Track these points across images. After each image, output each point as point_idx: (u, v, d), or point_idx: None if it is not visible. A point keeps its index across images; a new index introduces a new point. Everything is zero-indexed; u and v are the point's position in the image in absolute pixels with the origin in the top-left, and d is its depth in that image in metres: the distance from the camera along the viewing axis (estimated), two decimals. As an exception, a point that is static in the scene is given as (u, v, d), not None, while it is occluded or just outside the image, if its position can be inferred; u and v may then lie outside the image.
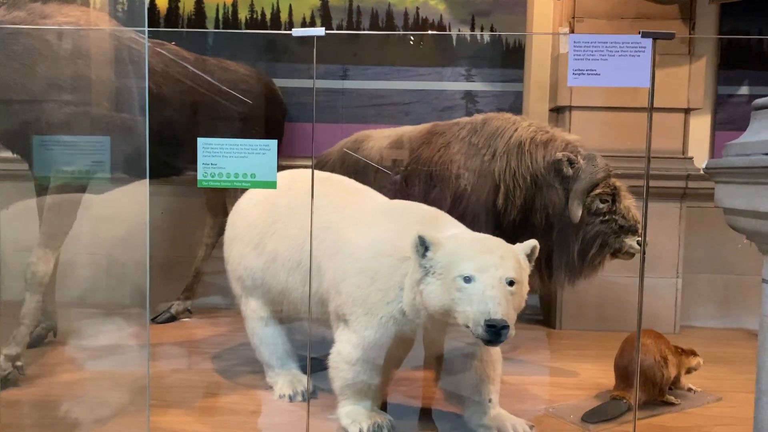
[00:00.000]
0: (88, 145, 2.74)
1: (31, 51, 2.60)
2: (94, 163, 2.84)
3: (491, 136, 3.02)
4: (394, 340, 2.15)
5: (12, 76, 2.57)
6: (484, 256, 1.87)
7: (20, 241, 2.99)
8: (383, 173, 3.24)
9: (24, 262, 2.67)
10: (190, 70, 3.21)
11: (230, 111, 3.40)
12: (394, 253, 2.11)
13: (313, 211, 2.15)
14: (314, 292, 2.39)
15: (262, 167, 1.71)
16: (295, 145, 4.03)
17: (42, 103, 2.66)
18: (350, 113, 4.04)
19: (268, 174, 1.73)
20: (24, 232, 2.91)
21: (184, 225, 4.12)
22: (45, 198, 2.76)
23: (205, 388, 2.65)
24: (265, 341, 2.63)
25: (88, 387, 2.64)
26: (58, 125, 2.65)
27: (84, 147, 2.72)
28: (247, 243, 2.61)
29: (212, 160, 1.68)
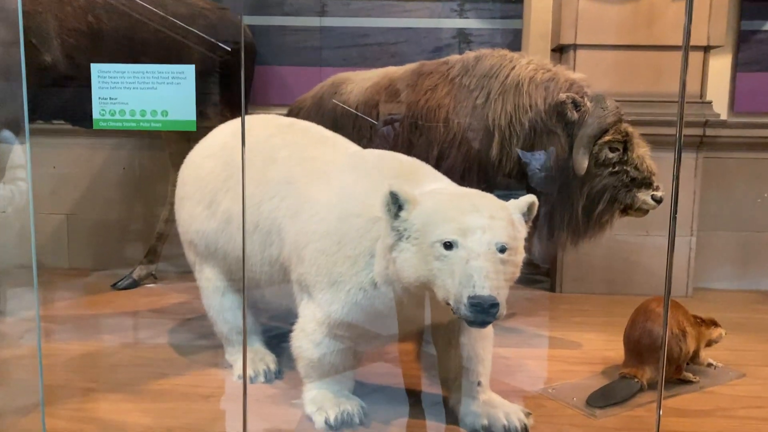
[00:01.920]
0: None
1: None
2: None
3: (484, 76, 2.62)
4: (365, 315, 1.80)
5: None
6: (468, 217, 1.50)
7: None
8: (364, 121, 2.85)
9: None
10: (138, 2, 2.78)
11: (187, 51, 2.98)
12: (363, 212, 1.74)
13: (245, 176, 1.77)
14: (275, 258, 2.03)
15: (177, 102, 1.33)
16: (269, 91, 3.63)
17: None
18: (329, 55, 3.61)
19: (185, 111, 1.34)
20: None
21: (147, 181, 3.76)
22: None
23: (155, 366, 2.31)
24: (223, 314, 2.28)
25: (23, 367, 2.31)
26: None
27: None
28: (198, 202, 2.24)
29: (111, 94, 1.30)
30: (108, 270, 3.57)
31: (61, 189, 3.77)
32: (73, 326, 2.78)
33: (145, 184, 3.76)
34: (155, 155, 3.72)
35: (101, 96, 1.29)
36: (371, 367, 2.25)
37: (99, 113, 1.31)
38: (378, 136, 2.75)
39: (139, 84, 1.30)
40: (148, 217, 3.68)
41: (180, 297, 3.21)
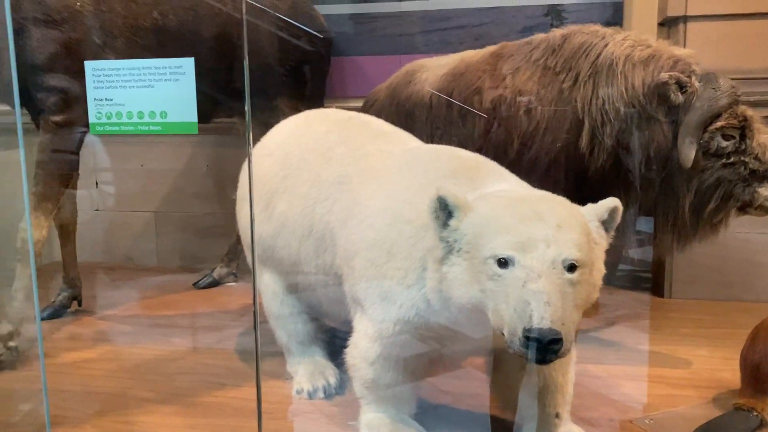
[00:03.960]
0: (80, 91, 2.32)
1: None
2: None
3: (573, 56, 2.31)
4: (419, 335, 1.59)
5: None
6: (528, 227, 1.24)
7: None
8: (438, 111, 2.62)
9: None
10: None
11: (260, 44, 2.88)
12: (415, 218, 1.52)
13: (250, 178, 1.59)
14: (329, 266, 1.86)
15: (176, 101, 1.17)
16: (346, 83, 3.47)
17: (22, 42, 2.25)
18: (408, 41, 3.39)
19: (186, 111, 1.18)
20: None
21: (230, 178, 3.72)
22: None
23: (214, 376, 2.22)
24: (281, 323, 2.15)
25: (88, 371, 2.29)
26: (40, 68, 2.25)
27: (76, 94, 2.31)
28: (256, 203, 2.10)
29: (106, 94, 1.17)
30: (194, 267, 3.57)
31: (149, 186, 3.82)
32: (148, 327, 2.77)
33: (227, 181, 3.73)
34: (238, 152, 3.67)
35: (96, 97, 1.17)
36: (435, 383, 2.03)
37: (95, 117, 1.18)
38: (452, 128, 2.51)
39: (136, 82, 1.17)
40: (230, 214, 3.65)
41: (258, 297, 3.13)
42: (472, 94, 2.47)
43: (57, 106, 2.26)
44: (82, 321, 2.81)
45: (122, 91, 1.15)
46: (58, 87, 2.25)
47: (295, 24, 3.00)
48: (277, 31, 2.92)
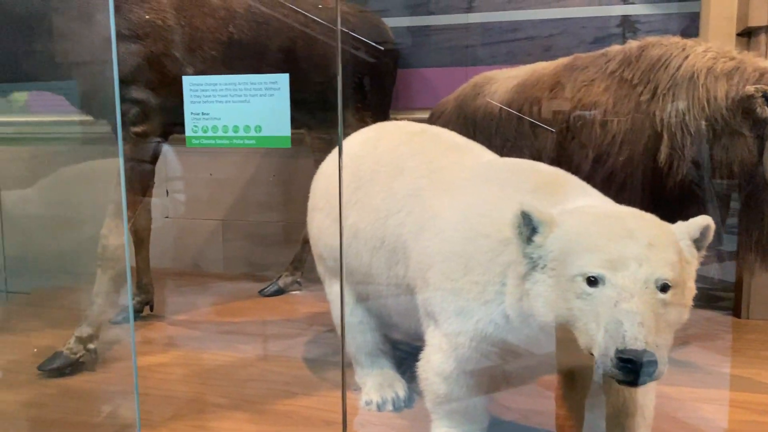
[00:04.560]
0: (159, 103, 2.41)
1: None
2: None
3: (651, 68, 2.25)
4: (496, 350, 1.56)
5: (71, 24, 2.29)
6: (620, 245, 1.21)
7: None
8: (507, 124, 2.59)
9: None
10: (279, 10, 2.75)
11: (329, 55, 2.92)
12: (493, 232, 1.50)
13: (342, 187, 1.60)
14: (401, 278, 1.86)
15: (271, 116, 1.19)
16: (412, 95, 3.48)
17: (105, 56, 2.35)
18: (476, 53, 3.38)
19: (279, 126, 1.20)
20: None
21: (295, 188, 3.78)
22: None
23: (284, 384, 2.24)
24: (351, 334, 2.16)
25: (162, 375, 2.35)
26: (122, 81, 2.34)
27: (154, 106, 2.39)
28: (328, 214, 2.13)
29: (203, 108, 1.20)
30: (259, 275, 3.64)
31: (217, 195, 3.92)
32: (216, 333, 2.83)
33: (292, 191, 3.79)
34: (303, 162, 3.73)
35: (193, 111, 1.20)
36: (499, 399, 2.00)
37: (191, 130, 1.22)
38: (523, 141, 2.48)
39: (232, 97, 1.20)
40: (295, 224, 3.71)
41: (322, 307, 3.14)
42: (544, 106, 2.44)
43: (137, 117, 2.34)
44: (154, 326, 2.89)
45: (218, 106, 1.18)
46: (139, 99, 2.33)
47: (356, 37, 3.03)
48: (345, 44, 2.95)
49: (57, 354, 2.32)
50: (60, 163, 3.04)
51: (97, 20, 2.31)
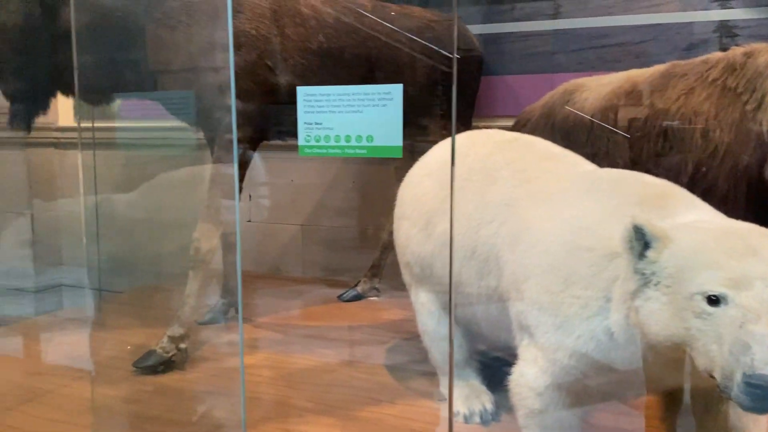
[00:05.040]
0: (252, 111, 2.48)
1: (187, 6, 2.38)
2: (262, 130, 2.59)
3: (758, 76, 2.13)
4: (597, 367, 1.51)
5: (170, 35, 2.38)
6: (744, 262, 1.14)
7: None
8: (600, 133, 2.52)
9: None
10: (366, 19, 2.78)
11: (413, 64, 2.92)
12: (597, 246, 1.46)
13: (453, 190, 1.58)
14: (492, 289, 1.83)
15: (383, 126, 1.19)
16: (495, 102, 3.43)
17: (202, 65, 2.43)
18: (562, 59, 3.30)
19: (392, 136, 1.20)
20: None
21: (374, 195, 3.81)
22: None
23: (368, 390, 2.25)
24: (437, 343, 2.14)
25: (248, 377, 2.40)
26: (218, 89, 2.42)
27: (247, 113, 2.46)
28: (415, 222, 2.12)
29: (316, 118, 1.21)
30: (337, 280, 3.68)
31: (298, 200, 3.98)
32: (298, 337, 2.87)
33: (371, 198, 3.81)
34: (382, 169, 3.76)
35: (306, 121, 1.22)
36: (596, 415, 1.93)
37: (304, 139, 1.24)
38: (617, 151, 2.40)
39: (345, 107, 1.21)
40: (374, 230, 3.73)
41: (401, 313, 3.16)
42: (640, 115, 2.36)
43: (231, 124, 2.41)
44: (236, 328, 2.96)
45: (331, 116, 1.19)
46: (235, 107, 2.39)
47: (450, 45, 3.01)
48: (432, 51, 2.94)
49: (150, 352, 2.40)
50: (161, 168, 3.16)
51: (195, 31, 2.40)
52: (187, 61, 2.45)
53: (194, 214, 2.49)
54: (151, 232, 3.27)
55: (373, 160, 3.78)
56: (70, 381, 2.36)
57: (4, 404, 2.15)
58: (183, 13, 2.41)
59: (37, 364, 2.64)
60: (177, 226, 2.91)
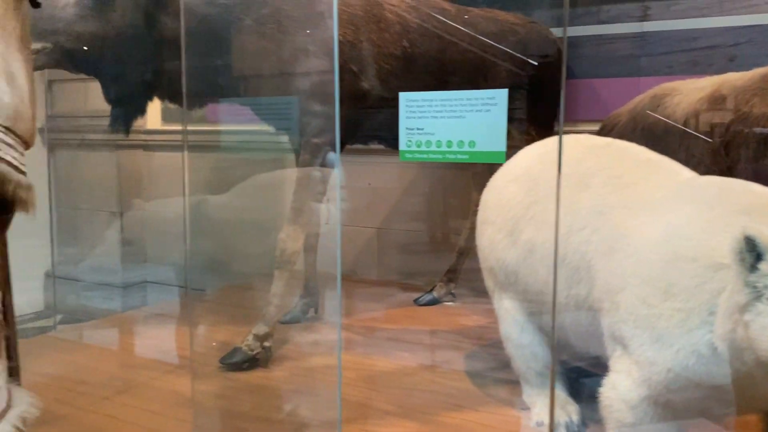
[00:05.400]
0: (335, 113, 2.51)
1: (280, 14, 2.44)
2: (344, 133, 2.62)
3: None
4: (696, 383, 1.46)
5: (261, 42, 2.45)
6: None
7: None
8: (694, 140, 2.43)
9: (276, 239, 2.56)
10: (450, 24, 2.78)
11: (494, 69, 2.90)
12: (700, 256, 1.40)
13: (559, 193, 1.55)
14: (582, 299, 1.79)
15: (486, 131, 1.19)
16: (577, 106, 3.36)
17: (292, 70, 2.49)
18: (650, 63, 3.20)
19: (495, 141, 1.19)
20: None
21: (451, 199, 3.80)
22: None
23: (450, 396, 2.24)
24: (521, 351, 2.11)
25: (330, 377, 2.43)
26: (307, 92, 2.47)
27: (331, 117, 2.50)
28: (500, 228, 2.10)
29: (418, 124, 1.22)
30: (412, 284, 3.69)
31: (374, 204, 4.02)
32: (376, 339, 2.89)
33: (448, 203, 3.81)
34: (460, 174, 3.75)
35: (408, 126, 1.23)
36: None
37: (405, 144, 1.25)
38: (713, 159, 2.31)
39: (447, 112, 1.21)
40: (450, 234, 3.72)
41: (479, 319, 3.13)
42: (738, 120, 2.26)
43: (319, 128, 2.46)
44: (319, 328, 3.01)
45: (433, 121, 1.20)
46: (321, 111, 2.44)
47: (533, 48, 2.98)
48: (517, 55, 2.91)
49: (236, 349, 2.48)
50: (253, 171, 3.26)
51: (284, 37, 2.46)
52: (276, 67, 2.51)
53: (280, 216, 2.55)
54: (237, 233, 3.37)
55: (450, 165, 3.77)
56: (161, 374, 2.46)
57: (101, 394, 2.26)
58: (271, 20, 2.48)
59: (129, 356, 2.77)
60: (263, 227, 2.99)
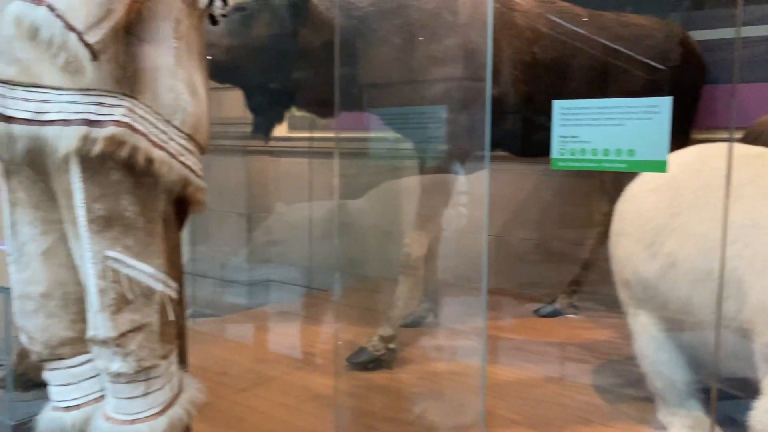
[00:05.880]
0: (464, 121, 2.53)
1: (411, 24, 2.50)
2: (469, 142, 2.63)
3: None
4: None
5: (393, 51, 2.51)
6: None
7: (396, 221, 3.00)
8: None
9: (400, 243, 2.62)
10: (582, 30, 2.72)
11: (630, 74, 2.81)
12: None
13: (728, 202, 1.48)
14: (730, 316, 1.70)
15: (646, 140, 1.16)
16: (717, 113, 3.18)
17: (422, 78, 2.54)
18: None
19: (656, 150, 1.16)
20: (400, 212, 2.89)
21: (576, 208, 3.70)
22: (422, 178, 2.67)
23: (579, 409, 2.19)
24: (658, 368, 2.03)
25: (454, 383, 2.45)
26: (437, 101, 2.51)
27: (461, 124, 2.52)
28: (638, 240, 2.03)
29: (572, 132, 1.21)
30: (529, 293, 3.63)
31: (492, 211, 3.99)
32: (494, 348, 2.87)
33: (573, 211, 3.71)
34: (582, 182, 3.65)
35: (562, 134, 1.22)
36: None
37: (558, 153, 1.24)
38: None
39: (604, 120, 1.19)
40: (574, 245, 3.62)
41: (603, 334, 3.04)
42: None
43: (446, 135, 2.49)
44: (439, 333, 3.03)
45: (589, 129, 1.20)
46: (449, 119, 2.47)
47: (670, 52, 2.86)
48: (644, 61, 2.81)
49: (362, 349, 2.55)
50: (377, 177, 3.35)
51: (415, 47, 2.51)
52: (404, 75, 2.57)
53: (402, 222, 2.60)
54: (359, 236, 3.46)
55: (573, 172, 3.68)
56: (292, 370, 2.58)
57: (239, 386, 2.40)
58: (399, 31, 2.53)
59: (261, 351, 2.92)
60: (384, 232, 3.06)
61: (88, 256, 1.17)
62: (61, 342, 1.32)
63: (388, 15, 2.50)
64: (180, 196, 1.29)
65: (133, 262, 1.19)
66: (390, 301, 2.59)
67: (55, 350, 1.33)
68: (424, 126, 2.46)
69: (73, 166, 1.14)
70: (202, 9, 1.28)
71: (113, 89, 1.12)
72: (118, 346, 1.20)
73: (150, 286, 1.22)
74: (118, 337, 1.20)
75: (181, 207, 1.32)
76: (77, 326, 1.32)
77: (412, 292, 2.63)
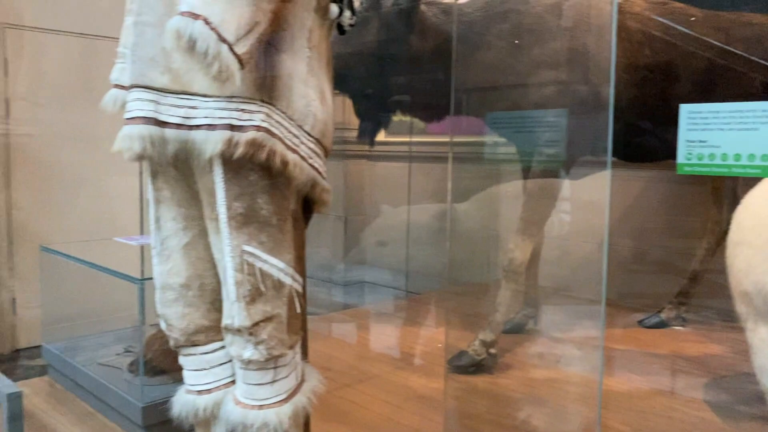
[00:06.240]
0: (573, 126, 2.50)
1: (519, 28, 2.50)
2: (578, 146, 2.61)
3: None
4: None
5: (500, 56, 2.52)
6: None
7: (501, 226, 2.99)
8: None
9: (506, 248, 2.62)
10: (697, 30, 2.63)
11: (753, 75, 2.68)
12: None
13: None
14: None
15: (786, 145, 1.11)
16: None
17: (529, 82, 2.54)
18: None
19: (796, 156, 1.12)
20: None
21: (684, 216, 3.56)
22: (527, 183, 2.66)
23: (690, 424, 2.11)
24: (780, 384, 1.93)
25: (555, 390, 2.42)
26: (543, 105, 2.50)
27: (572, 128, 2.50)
28: (759, 250, 1.94)
29: (701, 136, 1.18)
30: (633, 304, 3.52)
31: (595, 218, 3.89)
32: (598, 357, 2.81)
33: (678, 220, 3.58)
34: (691, 189, 3.51)
35: (689, 139, 1.20)
36: None
37: (685, 157, 1.22)
38: None
39: (736, 125, 1.16)
40: (683, 254, 3.49)
41: (713, 348, 2.91)
42: None
43: (553, 140, 2.47)
44: (538, 341, 3.00)
45: (718, 134, 1.17)
46: (553, 123, 2.45)
47: None
48: None
49: (463, 353, 2.56)
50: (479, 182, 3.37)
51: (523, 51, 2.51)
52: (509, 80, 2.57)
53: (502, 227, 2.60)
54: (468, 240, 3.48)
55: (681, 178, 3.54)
56: (393, 369, 2.63)
57: (343, 381, 2.48)
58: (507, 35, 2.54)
59: (362, 349, 2.99)
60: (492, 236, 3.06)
61: (227, 250, 1.26)
62: (197, 329, 1.42)
63: (496, 19, 2.51)
64: (307, 197, 1.37)
65: (266, 256, 1.27)
66: (492, 306, 2.59)
67: (191, 337, 1.43)
68: (531, 130, 2.46)
69: (217, 167, 1.23)
70: (332, 19, 1.35)
71: (254, 96, 1.21)
72: (251, 335, 1.29)
73: (280, 280, 1.30)
74: (252, 326, 1.28)
75: (307, 206, 1.40)
76: (212, 315, 1.42)
77: (515, 298, 2.63)
